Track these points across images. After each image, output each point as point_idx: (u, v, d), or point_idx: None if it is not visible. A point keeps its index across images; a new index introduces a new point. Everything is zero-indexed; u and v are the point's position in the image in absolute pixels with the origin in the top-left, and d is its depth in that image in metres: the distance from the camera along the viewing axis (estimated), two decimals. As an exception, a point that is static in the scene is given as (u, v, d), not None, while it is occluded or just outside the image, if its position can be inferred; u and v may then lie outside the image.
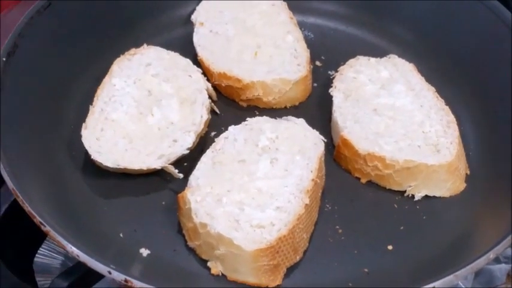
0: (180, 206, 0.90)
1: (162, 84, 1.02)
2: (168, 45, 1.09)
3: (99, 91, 1.01)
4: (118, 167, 0.93)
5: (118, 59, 1.05)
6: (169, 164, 0.95)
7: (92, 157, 0.94)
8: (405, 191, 0.97)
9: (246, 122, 0.99)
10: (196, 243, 0.88)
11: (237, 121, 1.00)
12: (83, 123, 0.97)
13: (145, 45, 1.08)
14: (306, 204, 0.88)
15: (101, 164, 0.94)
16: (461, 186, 0.99)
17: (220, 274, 0.87)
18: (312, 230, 0.91)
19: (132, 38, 1.11)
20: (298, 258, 0.89)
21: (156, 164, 0.94)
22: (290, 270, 0.88)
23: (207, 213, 0.87)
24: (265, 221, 0.87)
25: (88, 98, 1.01)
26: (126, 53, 1.06)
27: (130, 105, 1.00)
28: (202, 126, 1.00)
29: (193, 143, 0.98)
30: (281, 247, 0.85)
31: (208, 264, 0.88)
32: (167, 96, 1.01)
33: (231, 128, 0.98)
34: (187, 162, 0.97)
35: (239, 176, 0.92)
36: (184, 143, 0.97)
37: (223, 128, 0.99)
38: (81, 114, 0.99)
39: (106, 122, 0.98)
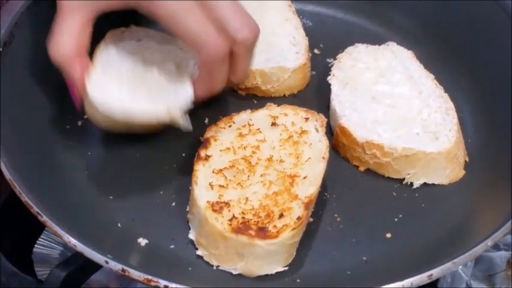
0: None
1: (156, 53, 1.00)
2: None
3: (96, 54, 0.96)
4: (126, 113, 0.90)
5: (112, 31, 1.01)
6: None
7: (99, 109, 0.90)
8: (404, 179, 0.97)
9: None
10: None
11: (236, 110, 1.00)
12: (87, 78, 0.92)
13: (132, 26, 1.03)
14: None
15: (106, 119, 0.91)
16: (460, 173, 0.98)
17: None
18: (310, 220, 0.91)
19: (127, 24, 1.09)
20: None
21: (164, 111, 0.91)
22: (288, 258, 0.88)
23: None
24: None
25: (86, 88, 1.01)
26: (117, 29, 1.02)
27: (128, 69, 0.97)
28: None
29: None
30: None
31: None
32: (164, 61, 0.98)
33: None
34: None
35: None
36: (187, 94, 0.94)
37: (221, 117, 0.99)
38: (79, 104, 0.99)
39: (109, 79, 0.94)
